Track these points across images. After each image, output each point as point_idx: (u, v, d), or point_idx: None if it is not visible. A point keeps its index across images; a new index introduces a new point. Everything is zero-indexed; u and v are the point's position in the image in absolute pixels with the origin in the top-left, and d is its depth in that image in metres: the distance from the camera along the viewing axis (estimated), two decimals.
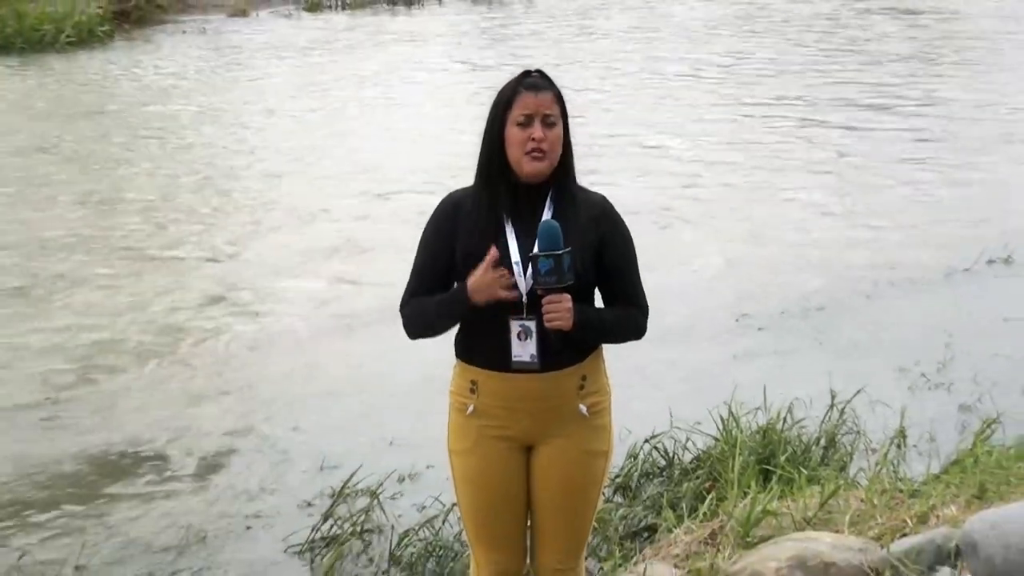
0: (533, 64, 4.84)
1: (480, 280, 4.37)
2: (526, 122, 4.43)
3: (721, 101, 20.09)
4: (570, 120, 4.62)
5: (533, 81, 4.50)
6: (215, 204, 15.61)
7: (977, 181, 15.81)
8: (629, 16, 27.22)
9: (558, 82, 4.67)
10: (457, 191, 4.65)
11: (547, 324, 4.36)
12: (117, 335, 11.72)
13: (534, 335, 4.40)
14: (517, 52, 23.27)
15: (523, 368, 4.44)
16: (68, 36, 24.09)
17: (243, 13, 27.10)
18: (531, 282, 4.41)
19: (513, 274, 4.44)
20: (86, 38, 24.24)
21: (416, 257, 4.61)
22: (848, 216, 14.67)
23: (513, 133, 4.45)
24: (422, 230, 4.63)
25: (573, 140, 4.63)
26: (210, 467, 9.41)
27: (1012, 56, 22.81)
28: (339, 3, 28.24)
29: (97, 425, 10.01)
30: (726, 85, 21.24)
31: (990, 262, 12.98)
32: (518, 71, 4.63)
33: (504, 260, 4.43)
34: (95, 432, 9.88)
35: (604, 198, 4.65)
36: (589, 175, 5.05)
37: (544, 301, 4.36)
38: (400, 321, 4.69)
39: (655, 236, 13.13)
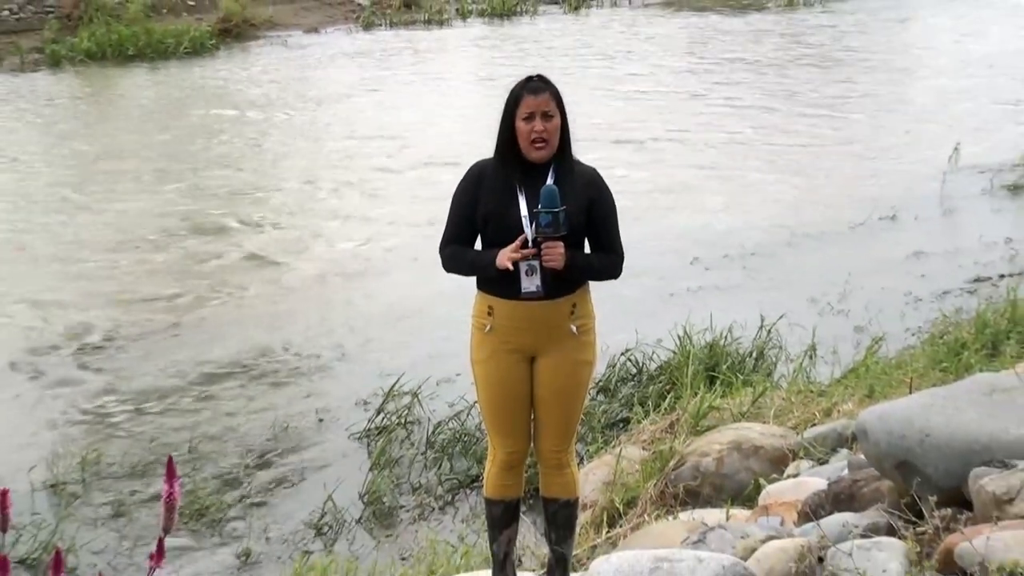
0: (533, 61, 4.81)
1: (505, 259, 4.37)
2: (529, 118, 4.42)
3: (692, 101, 19.93)
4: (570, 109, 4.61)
5: (534, 85, 4.47)
6: (293, 170, 15.51)
7: (872, 161, 15.71)
8: (590, 38, 26.98)
9: (556, 81, 4.64)
10: (481, 161, 4.62)
11: (544, 264, 4.37)
12: (223, 272, 11.71)
13: (538, 272, 4.39)
14: (525, 53, 23.08)
15: (530, 296, 4.43)
16: (185, 48, 24.07)
17: (315, 30, 27.04)
18: (535, 232, 4.40)
19: (524, 226, 4.42)
20: (199, 49, 24.23)
21: (449, 211, 4.59)
22: (774, 185, 14.57)
23: (520, 126, 4.43)
24: (454, 190, 4.61)
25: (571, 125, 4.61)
26: (290, 374, 9.42)
27: (918, 67, 22.66)
28: (387, 22, 28.15)
29: (207, 342, 10.01)
30: (700, 87, 21.04)
31: (880, 219, 12.91)
32: (524, 68, 4.60)
33: (517, 216, 4.42)
34: (205, 348, 9.89)
35: (595, 170, 4.62)
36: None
37: (543, 246, 4.35)
38: (436, 260, 4.68)
39: (633, 199, 13.08)
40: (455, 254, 4.58)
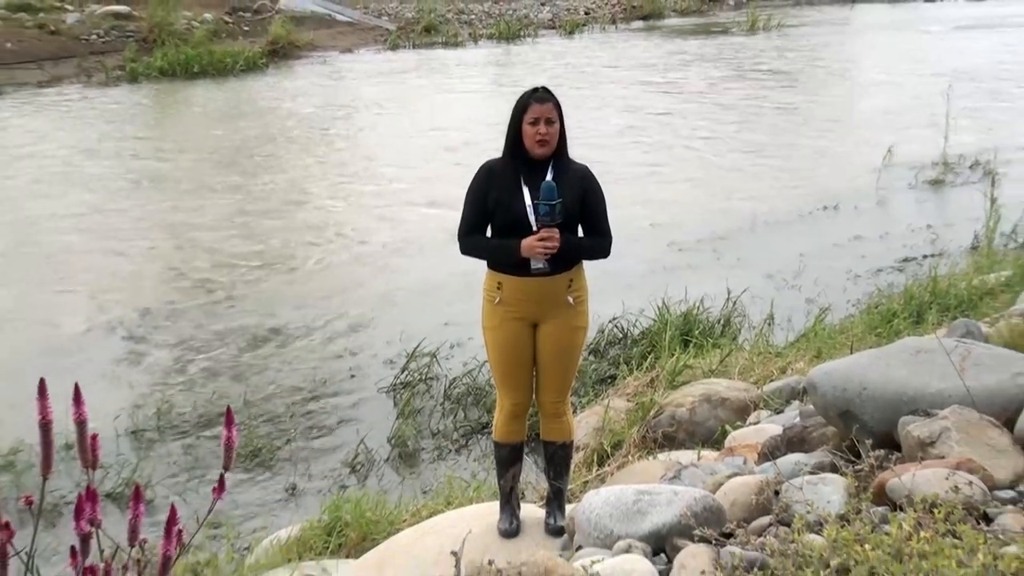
0: (536, 78, 4.78)
1: (529, 246, 4.34)
2: (535, 122, 4.40)
3: (670, 112, 19.84)
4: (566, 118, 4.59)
5: (540, 95, 4.45)
6: (326, 167, 15.47)
7: (816, 159, 15.68)
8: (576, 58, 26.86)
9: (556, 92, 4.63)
10: (491, 160, 4.61)
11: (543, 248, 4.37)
12: (278, 248, 11.70)
13: None
14: (528, 69, 23.02)
15: (538, 273, 4.42)
16: (240, 66, 24.12)
17: (349, 51, 27.04)
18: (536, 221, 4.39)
19: (527, 214, 4.41)
20: (251, 67, 24.29)
21: (465, 203, 4.56)
22: (738, 180, 14.54)
23: (526, 129, 4.42)
24: (468, 185, 4.60)
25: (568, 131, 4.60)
26: (326, 337, 9.41)
27: (861, 80, 22.57)
28: (411, 44, 28.11)
29: (259, 310, 10.01)
30: (679, 101, 20.94)
31: (825, 208, 12.91)
32: (529, 83, 4.57)
33: (521, 206, 4.41)
34: (258, 315, 9.89)
35: (587, 167, 4.60)
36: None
37: (543, 232, 4.35)
38: (453, 243, 4.67)
39: (621, 191, 13.03)
40: (476, 243, 4.55)
